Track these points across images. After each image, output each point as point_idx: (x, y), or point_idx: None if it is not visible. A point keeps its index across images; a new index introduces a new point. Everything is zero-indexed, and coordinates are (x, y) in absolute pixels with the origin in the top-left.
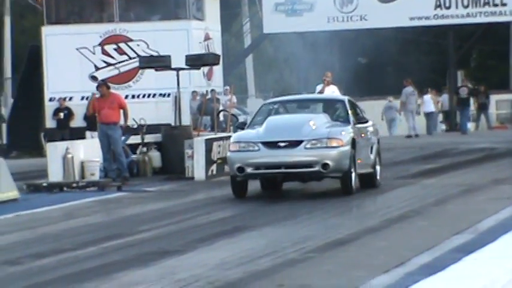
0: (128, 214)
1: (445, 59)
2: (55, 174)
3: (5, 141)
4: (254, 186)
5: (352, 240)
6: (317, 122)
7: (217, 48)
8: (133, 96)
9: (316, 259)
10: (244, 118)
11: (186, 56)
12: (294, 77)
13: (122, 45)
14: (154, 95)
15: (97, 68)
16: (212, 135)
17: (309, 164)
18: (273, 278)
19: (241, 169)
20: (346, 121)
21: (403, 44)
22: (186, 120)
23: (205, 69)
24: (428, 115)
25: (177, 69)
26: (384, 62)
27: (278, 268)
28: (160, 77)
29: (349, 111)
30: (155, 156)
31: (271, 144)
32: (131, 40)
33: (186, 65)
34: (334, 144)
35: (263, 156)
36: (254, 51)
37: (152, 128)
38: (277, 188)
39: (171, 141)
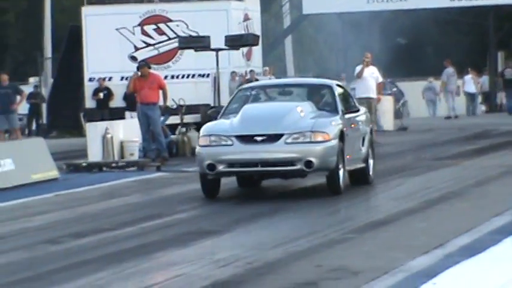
0: (167, 194)
1: (485, 39)
2: (94, 154)
3: (45, 121)
4: None
5: (391, 221)
6: (300, 112)
7: (256, 28)
8: (172, 77)
9: (355, 240)
10: None
11: (226, 37)
12: (333, 57)
13: (162, 25)
14: (193, 76)
15: (136, 49)
16: None
17: (290, 162)
18: (312, 259)
19: (212, 166)
20: (334, 110)
21: (443, 24)
22: (225, 100)
23: (245, 49)
24: (469, 95)
25: (217, 50)
26: (424, 43)
27: (317, 249)
28: (199, 58)
29: (338, 99)
30: (194, 137)
31: (247, 138)
32: (171, 20)
33: (226, 45)
34: (319, 139)
35: (237, 152)
36: (293, 32)
37: (191, 109)
38: (255, 185)
39: (210, 121)
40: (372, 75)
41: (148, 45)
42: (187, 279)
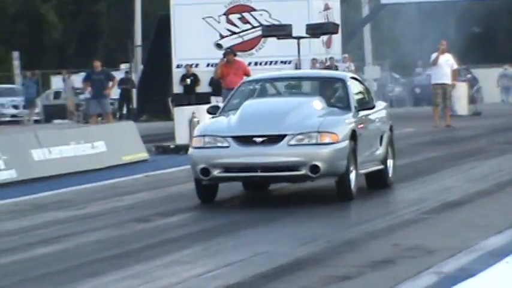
0: None
1: None
2: (182, 137)
3: (135, 105)
4: None
5: (465, 202)
6: (307, 109)
7: (336, 17)
8: (256, 63)
9: (430, 220)
10: None
11: (307, 25)
12: (410, 45)
13: (246, 14)
14: (276, 62)
15: (222, 36)
16: None
17: (294, 166)
18: (389, 238)
19: (206, 171)
20: (346, 107)
21: None
22: None
23: (325, 37)
24: None
25: (298, 38)
26: (498, 31)
27: (393, 229)
28: (281, 45)
29: (351, 94)
30: None
31: (245, 140)
32: (254, 10)
33: (307, 33)
34: (327, 140)
35: (234, 155)
36: (371, 21)
37: None
38: (263, 189)
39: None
40: (447, 62)
41: (233, 33)
42: (269, 256)
